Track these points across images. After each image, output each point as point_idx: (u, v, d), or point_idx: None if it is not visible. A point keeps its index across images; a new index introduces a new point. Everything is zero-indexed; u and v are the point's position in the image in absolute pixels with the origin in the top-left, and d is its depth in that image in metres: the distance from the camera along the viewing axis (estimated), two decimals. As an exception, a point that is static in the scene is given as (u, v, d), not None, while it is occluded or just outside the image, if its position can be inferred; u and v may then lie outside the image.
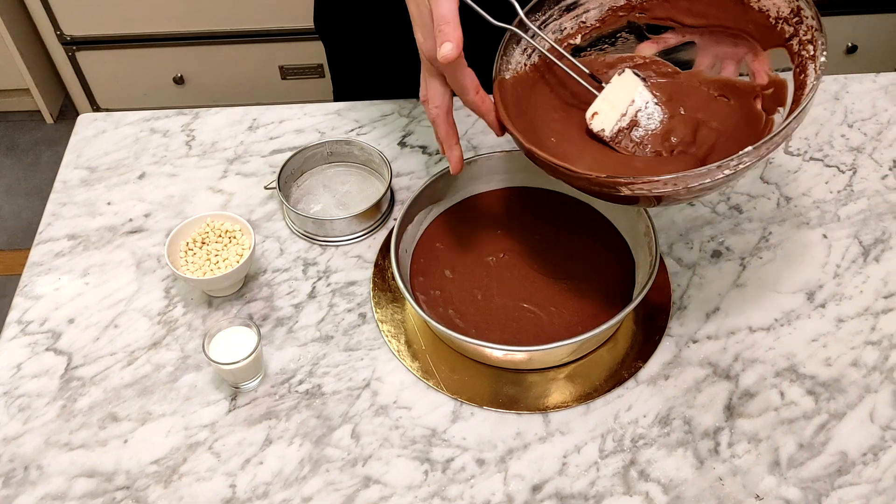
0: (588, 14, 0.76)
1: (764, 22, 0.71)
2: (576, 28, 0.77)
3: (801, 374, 0.76)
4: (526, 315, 0.78)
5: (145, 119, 0.99)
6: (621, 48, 0.78)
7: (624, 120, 0.72)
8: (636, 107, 0.72)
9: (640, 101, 0.72)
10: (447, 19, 0.63)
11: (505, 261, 0.82)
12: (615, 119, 0.72)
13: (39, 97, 2.07)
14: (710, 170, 0.61)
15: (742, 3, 0.72)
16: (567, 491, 0.69)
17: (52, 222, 0.88)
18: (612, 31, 0.77)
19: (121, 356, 0.77)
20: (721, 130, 0.73)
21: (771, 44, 0.71)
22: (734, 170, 0.62)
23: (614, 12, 0.76)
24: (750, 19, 0.72)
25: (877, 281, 0.83)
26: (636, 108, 0.72)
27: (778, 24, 0.70)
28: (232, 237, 0.82)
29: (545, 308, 0.78)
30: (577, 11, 0.76)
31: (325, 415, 0.73)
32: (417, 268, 0.82)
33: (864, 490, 0.69)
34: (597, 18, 0.76)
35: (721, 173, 0.61)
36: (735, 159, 0.61)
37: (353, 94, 1.08)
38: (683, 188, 0.62)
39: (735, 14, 0.73)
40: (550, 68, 0.75)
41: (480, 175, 0.86)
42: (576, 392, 0.75)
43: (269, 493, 0.69)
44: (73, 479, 0.69)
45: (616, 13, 0.76)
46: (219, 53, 1.95)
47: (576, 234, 0.84)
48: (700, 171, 0.61)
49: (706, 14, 0.74)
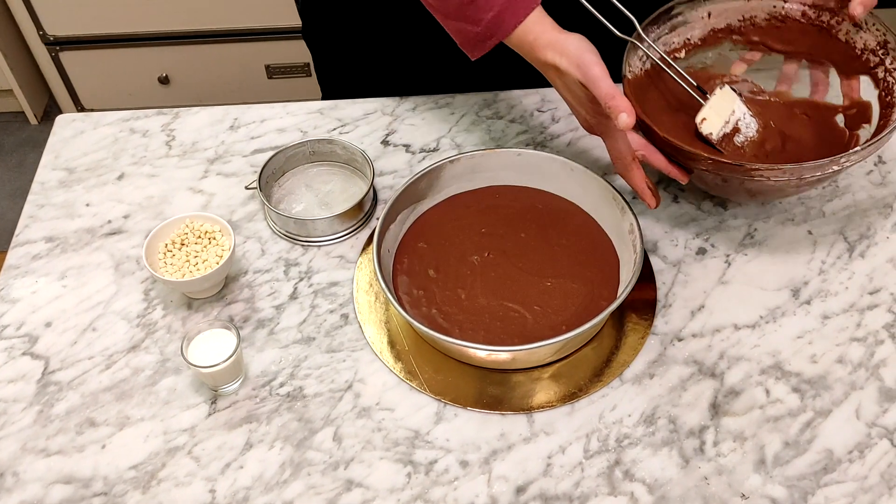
0: (693, 33, 0.87)
1: (850, 52, 0.83)
2: (681, 44, 0.88)
3: (786, 372, 0.75)
4: (510, 314, 0.77)
5: (124, 119, 0.98)
6: (717, 64, 0.89)
7: (727, 127, 0.80)
8: (736, 116, 0.81)
9: (739, 112, 0.81)
10: (612, 94, 0.70)
11: (489, 260, 0.81)
12: (720, 125, 0.80)
13: (23, 98, 2.04)
14: (822, 163, 0.71)
15: (829, 34, 0.84)
16: (552, 492, 0.68)
17: (29, 224, 0.87)
18: (710, 49, 0.89)
19: (99, 360, 0.76)
20: (805, 142, 0.84)
21: (854, 71, 0.83)
22: (841, 166, 0.72)
23: (715, 33, 0.88)
24: (835, 49, 0.84)
25: (862, 277, 0.82)
26: (736, 117, 0.81)
27: (864, 55, 0.82)
28: (212, 238, 0.81)
29: (529, 307, 0.77)
30: (684, 30, 0.87)
31: (307, 417, 0.72)
32: (400, 268, 0.81)
33: (850, 488, 0.68)
34: (699, 37, 0.88)
35: (831, 168, 0.72)
36: (844, 156, 0.71)
37: (340, 93, 1.07)
38: (797, 178, 0.73)
39: (821, 43, 0.84)
40: (660, 75, 0.84)
41: (464, 173, 0.85)
42: (560, 392, 0.74)
43: (250, 497, 0.68)
44: (50, 486, 0.68)
45: (716, 34, 0.88)
46: (204, 53, 1.94)
47: (561, 232, 0.83)
48: (816, 164, 0.71)
49: (794, 41, 0.86)
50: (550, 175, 0.85)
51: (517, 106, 0.99)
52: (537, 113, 0.98)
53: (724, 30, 0.88)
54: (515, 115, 0.98)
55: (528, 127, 0.96)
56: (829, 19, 0.84)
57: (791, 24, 0.86)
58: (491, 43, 0.76)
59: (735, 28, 0.88)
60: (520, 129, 0.96)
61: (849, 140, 0.83)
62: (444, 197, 0.86)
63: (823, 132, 0.85)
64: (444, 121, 0.97)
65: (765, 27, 0.87)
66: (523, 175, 0.86)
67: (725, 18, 0.87)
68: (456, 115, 0.98)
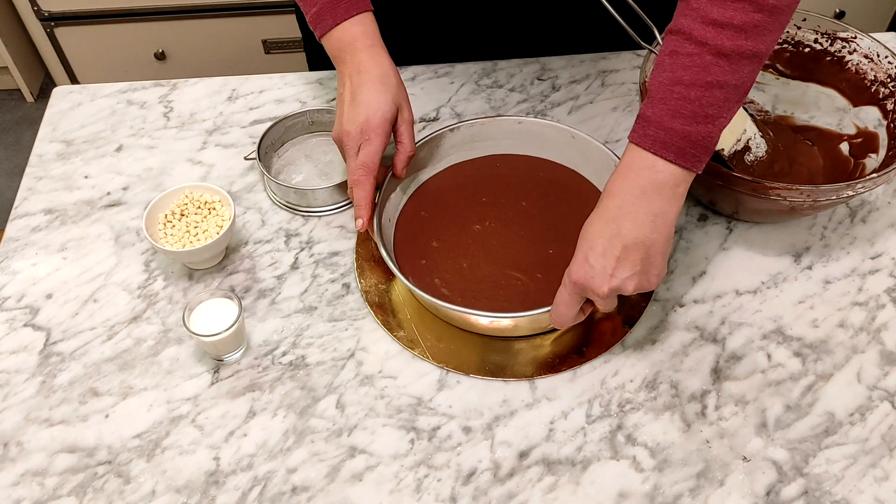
0: None
1: (859, 82, 0.84)
2: None
3: (787, 336, 0.75)
4: (513, 282, 0.77)
5: (122, 91, 0.97)
6: None
7: (739, 145, 0.80)
8: (748, 136, 0.80)
9: (751, 131, 0.81)
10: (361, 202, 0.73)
11: (491, 228, 0.81)
12: (732, 142, 0.79)
13: (19, 75, 2.03)
14: (839, 187, 0.71)
15: (840, 64, 0.85)
16: (554, 457, 0.68)
17: (28, 197, 0.87)
18: None
19: (100, 331, 0.76)
20: (812, 167, 0.85)
21: (862, 101, 0.84)
22: (856, 191, 0.72)
23: None
24: (844, 78, 0.85)
25: (864, 242, 0.82)
26: (748, 136, 0.80)
27: (873, 87, 0.83)
28: (211, 208, 0.80)
29: (532, 275, 0.77)
30: None
31: (310, 386, 0.73)
32: (402, 236, 0.81)
33: (851, 450, 0.68)
34: None
35: (846, 192, 0.72)
36: (860, 182, 0.71)
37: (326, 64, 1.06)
38: (812, 199, 0.72)
39: (831, 71, 0.86)
40: None
41: (465, 142, 0.85)
42: (562, 358, 0.74)
43: (254, 464, 0.68)
44: (54, 455, 0.69)
45: None
46: (200, 28, 1.92)
47: (561, 199, 0.83)
48: (833, 187, 0.71)
49: (804, 67, 0.87)
50: (551, 143, 0.84)
51: (517, 75, 0.98)
52: (537, 81, 0.97)
53: None
54: (515, 83, 0.97)
55: (529, 96, 0.96)
56: (841, 49, 0.84)
57: (803, 51, 0.86)
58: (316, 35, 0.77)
59: None
60: (520, 98, 0.95)
61: (854, 168, 0.83)
62: (446, 166, 0.86)
63: (828, 158, 0.86)
64: (444, 90, 0.96)
65: (777, 51, 0.87)
66: (524, 143, 0.85)
67: None
68: (455, 84, 0.97)
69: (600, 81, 0.97)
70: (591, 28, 0.99)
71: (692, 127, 0.60)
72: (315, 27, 0.76)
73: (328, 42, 0.76)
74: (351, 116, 0.74)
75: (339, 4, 0.75)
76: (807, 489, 0.66)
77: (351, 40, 0.75)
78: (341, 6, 0.75)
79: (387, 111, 0.73)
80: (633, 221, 0.62)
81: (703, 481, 0.67)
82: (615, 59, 0.99)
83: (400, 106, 0.75)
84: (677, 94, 0.61)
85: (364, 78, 0.73)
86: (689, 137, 0.61)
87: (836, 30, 0.85)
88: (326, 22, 0.75)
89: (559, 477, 0.67)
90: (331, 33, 0.75)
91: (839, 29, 0.84)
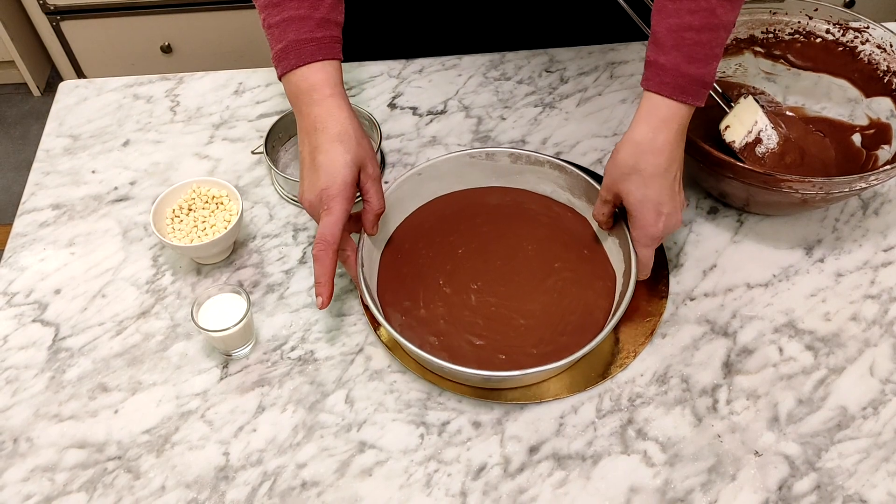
0: None
1: (871, 73, 0.83)
2: None
3: (799, 330, 0.75)
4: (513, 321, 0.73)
5: (128, 85, 0.97)
6: (736, 75, 0.90)
7: (750, 136, 0.81)
8: (759, 127, 0.81)
9: (762, 123, 0.81)
10: (321, 279, 0.68)
11: (483, 289, 0.76)
12: (743, 134, 0.81)
13: (25, 69, 2.03)
14: (851, 179, 0.70)
15: (852, 54, 0.84)
16: (564, 451, 0.68)
17: (35, 192, 0.87)
18: (731, 59, 0.90)
19: (109, 326, 0.76)
20: (823, 158, 0.84)
21: (874, 92, 0.83)
22: (869, 183, 0.71)
23: (738, 43, 0.89)
24: (857, 68, 0.84)
25: (876, 234, 0.81)
26: (759, 128, 0.81)
27: (886, 77, 0.82)
28: (219, 203, 0.80)
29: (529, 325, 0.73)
30: None
31: (319, 381, 0.72)
32: (386, 298, 0.76)
33: (863, 444, 0.68)
34: None
35: (858, 184, 0.71)
36: (873, 174, 0.71)
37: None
38: (824, 192, 0.72)
39: (843, 62, 0.85)
40: None
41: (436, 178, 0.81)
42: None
43: (263, 460, 0.68)
44: (64, 451, 0.69)
45: (739, 44, 0.89)
46: (207, 21, 1.91)
47: (553, 233, 0.79)
48: (846, 179, 0.70)
49: (815, 58, 0.86)
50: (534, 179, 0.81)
51: (525, 67, 0.97)
52: (545, 73, 0.96)
53: (747, 40, 0.88)
54: (523, 76, 0.96)
55: (537, 88, 0.95)
56: (853, 39, 0.84)
57: (815, 41, 0.86)
58: (277, 73, 0.71)
59: (759, 40, 0.88)
60: (528, 90, 0.95)
61: (866, 160, 0.82)
62: (424, 202, 0.82)
63: (840, 150, 0.85)
64: (452, 83, 0.96)
65: (788, 41, 0.87)
66: (491, 177, 0.82)
67: (750, 29, 0.87)
68: (463, 76, 0.96)
69: (609, 73, 0.97)
70: (599, 19, 0.98)
71: (704, 69, 0.66)
72: (277, 64, 0.70)
73: (287, 84, 0.71)
74: (311, 183, 0.69)
75: (305, 46, 0.69)
76: (819, 484, 0.66)
77: (308, 89, 0.69)
78: (307, 49, 0.69)
79: (347, 175, 0.68)
80: (676, 161, 0.69)
81: (715, 476, 0.66)
82: (624, 51, 0.99)
83: (363, 164, 0.70)
84: (689, 39, 0.65)
85: (321, 138, 0.68)
86: (703, 79, 0.66)
87: (847, 19, 0.83)
88: (289, 61, 0.69)
89: (569, 472, 0.67)
90: (290, 76, 0.69)
91: (851, 19, 0.83)
